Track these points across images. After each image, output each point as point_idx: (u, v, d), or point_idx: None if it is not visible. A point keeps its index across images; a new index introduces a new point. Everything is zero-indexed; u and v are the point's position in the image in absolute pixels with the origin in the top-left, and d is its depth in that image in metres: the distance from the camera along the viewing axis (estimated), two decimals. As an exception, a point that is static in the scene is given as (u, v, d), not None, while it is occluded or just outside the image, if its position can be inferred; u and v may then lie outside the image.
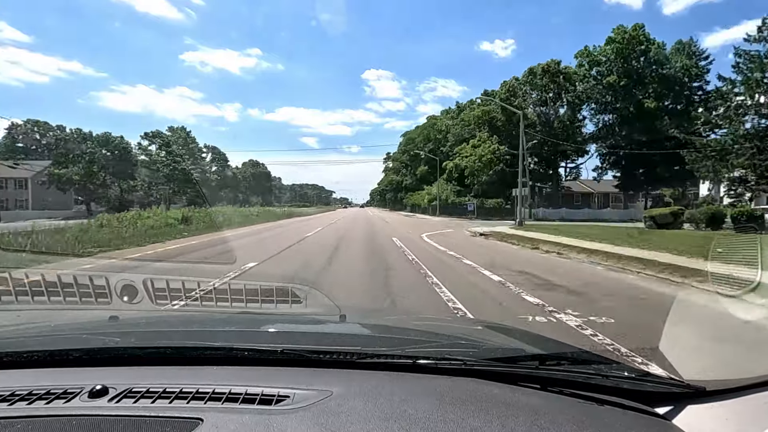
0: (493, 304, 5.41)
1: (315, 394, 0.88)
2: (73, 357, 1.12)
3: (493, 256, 10.66)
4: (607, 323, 4.36)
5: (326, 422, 0.77)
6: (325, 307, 3.05)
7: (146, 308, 2.22)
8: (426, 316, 3.95)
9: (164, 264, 9.01)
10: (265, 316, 2.01)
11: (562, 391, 0.94)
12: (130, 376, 1.00)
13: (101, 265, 8.44)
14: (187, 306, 2.52)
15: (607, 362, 1.14)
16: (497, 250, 12.27)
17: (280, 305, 2.39)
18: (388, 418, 0.78)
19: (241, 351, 1.11)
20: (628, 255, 9.02)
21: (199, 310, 2.58)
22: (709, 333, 3.89)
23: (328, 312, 2.33)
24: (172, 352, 1.13)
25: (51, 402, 0.86)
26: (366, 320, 1.93)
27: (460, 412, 0.81)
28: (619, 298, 5.73)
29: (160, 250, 11.60)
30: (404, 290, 6.24)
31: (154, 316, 2.10)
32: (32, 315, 2.60)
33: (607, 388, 0.96)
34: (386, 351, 1.13)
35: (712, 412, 0.91)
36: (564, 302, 5.36)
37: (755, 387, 0.96)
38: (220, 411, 0.82)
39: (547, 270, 8.28)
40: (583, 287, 6.45)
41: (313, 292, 3.34)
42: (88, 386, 0.90)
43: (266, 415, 0.80)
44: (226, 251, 11.82)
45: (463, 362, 1.03)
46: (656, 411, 0.92)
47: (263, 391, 0.89)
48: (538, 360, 1.07)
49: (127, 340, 1.29)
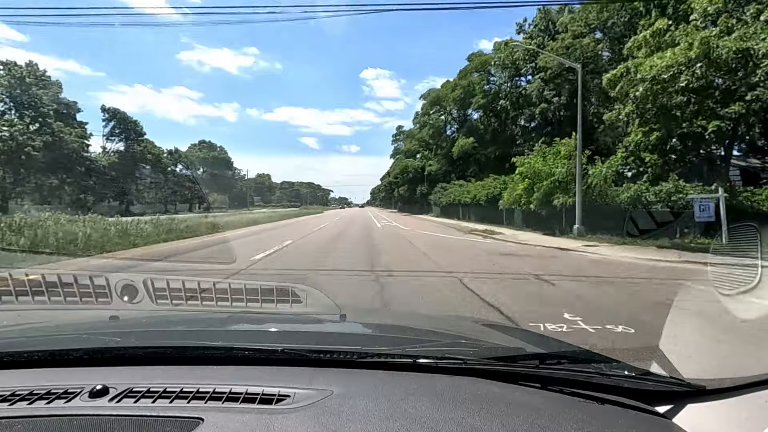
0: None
1: (315, 393, 0.88)
2: (74, 357, 1.11)
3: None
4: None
5: (327, 421, 0.77)
6: (326, 306, 3.03)
7: (147, 308, 2.20)
8: (426, 315, 3.91)
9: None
10: (265, 316, 2.00)
11: (563, 390, 0.94)
12: (130, 375, 1.00)
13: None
14: (188, 305, 2.49)
15: (608, 361, 1.14)
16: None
17: (281, 305, 2.37)
18: (388, 418, 0.78)
19: (242, 350, 1.11)
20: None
21: (200, 310, 2.56)
22: (709, 332, 3.86)
23: (328, 311, 2.32)
24: (173, 352, 1.12)
25: (52, 402, 0.86)
26: (366, 319, 1.93)
27: (460, 411, 0.81)
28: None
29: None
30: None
31: (155, 316, 2.09)
32: (32, 315, 2.58)
33: (608, 387, 0.96)
34: (387, 350, 1.13)
35: (712, 410, 0.91)
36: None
37: (755, 386, 0.97)
38: (220, 410, 0.82)
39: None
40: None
41: (314, 291, 3.31)
42: (89, 386, 0.90)
43: (267, 414, 0.80)
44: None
45: (464, 361, 1.03)
46: (656, 410, 0.92)
47: (264, 390, 0.89)
48: (538, 359, 1.07)
49: (127, 339, 1.29)
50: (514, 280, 7.24)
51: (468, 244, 13.89)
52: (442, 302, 5.37)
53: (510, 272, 7.99)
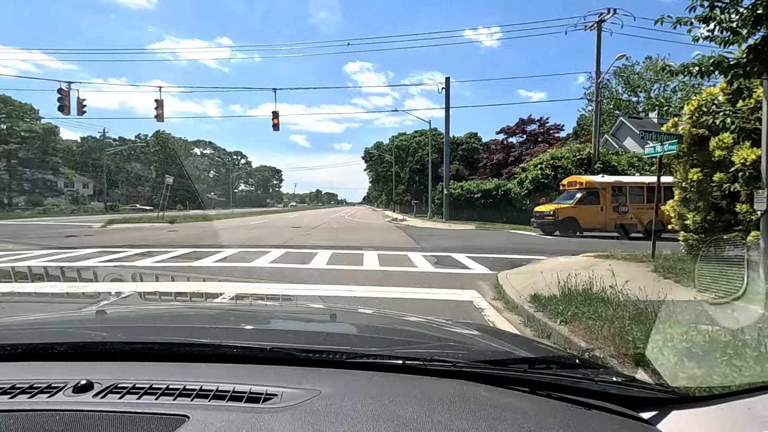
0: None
1: (303, 393, 0.88)
2: (59, 351, 1.10)
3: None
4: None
5: (314, 422, 0.77)
6: (316, 306, 2.98)
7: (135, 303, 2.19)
8: (416, 316, 4.23)
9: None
10: (255, 314, 2.03)
11: (551, 395, 0.95)
12: (116, 371, 0.98)
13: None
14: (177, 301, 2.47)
15: (595, 367, 1.15)
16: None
17: (271, 302, 2.35)
18: (376, 419, 0.78)
19: (230, 348, 1.10)
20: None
21: (189, 306, 2.44)
22: (695, 340, 4.00)
23: (318, 311, 2.36)
24: (160, 348, 1.11)
25: (34, 396, 0.85)
26: (356, 320, 1.96)
27: (448, 414, 0.81)
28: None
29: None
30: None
31: (142, 311, 2.09)
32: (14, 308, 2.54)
33: (595, 393, 0.97)
34: (376, 351, 1.13)
35: (696, 418, 0.92)
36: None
37: (739, 394, 0.98)
38: (206, 408, 0.81)
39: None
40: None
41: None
42: (73, 381, 0.88)
43: (254, 413, 0.80)
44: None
45: (453, 364, 1.02)
46: (641, 416, 0.93)
47: (251, 389, 0.88)
48: (527, 363, 1.08)
49: (114, 334, 1.26)
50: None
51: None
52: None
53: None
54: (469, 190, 29.47)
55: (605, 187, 17.68)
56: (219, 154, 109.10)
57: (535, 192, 26.11)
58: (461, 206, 29.15)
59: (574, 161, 24.83)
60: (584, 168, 24.09)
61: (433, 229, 21.23)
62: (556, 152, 26.34)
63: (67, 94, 17.38)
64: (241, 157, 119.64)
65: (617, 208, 17.41)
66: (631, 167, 24.10)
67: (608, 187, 17.70)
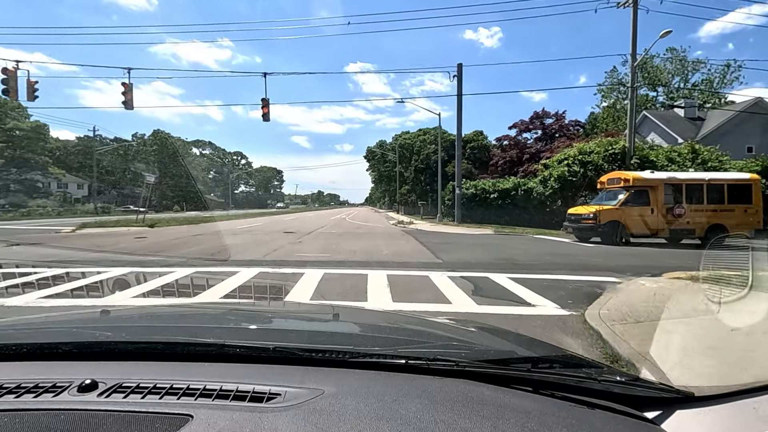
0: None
1: (306, 392, 0.89)
2: (63, 350, 1.11)
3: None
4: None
5: (317, 421, 0.78)
6: (318, 305, 3.46)
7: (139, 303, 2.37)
8: (419, 316, 3.40)
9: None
10: (257, 313, 2.02)
11: (554, 394, 0.96)
12: (120, 370, 1.00)
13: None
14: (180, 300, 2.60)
15: (599, 366, 1.17)
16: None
17: (273, 302, 2.64)
18: (379, 418, 0.79)
19: (233, 348, 1.10)
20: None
21: (192, 306, 2.66)
22: (699, 339, 3.72)
23: (321, 310, 2.42)
24: (164, 347, 1.12)
25: (39, 395, 0.86)
26: (359, 319, 1.92)
27: (451, 414, 0.82)
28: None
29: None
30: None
31: (146, 311, 2.08)
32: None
33: (598, 392, 0.98)
34: (378, 350, 1.15)
35: (700, 417, 0.92)
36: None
37: (743, 393, 0.99)
38: (210, 408, 0.82)
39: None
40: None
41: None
42: (78, 380, 0.90)
43: (257, 412, 0.81)
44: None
45: (456, 363, 1.03)
46: (645, 415, 0.94)
47: (254, 388, 0.89)
48: (530, 362, 1.09)
49: (118, 334, 1.31)
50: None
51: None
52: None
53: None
54: (485, 190, 26.17)
55: (657, 185, 14.68)
56: (219, 155, 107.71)
57: (560, 191, 23.19)
58: (473, 207, 26.10)
59: (606, 156, 21.90)
60: (618, 164, 21.19)
61: (447, 235, 18.21)
62: (584, 146, 23.32)
63: (14, 74, 14.60)
64: (242, 158, 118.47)
65: (672, 209, 14.48)
66: (671, 162, 21.17)
67: (660, 185, 14.67)
